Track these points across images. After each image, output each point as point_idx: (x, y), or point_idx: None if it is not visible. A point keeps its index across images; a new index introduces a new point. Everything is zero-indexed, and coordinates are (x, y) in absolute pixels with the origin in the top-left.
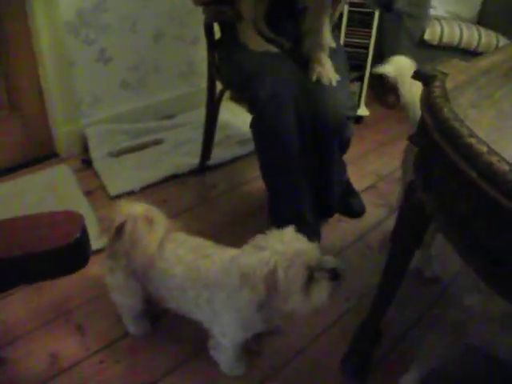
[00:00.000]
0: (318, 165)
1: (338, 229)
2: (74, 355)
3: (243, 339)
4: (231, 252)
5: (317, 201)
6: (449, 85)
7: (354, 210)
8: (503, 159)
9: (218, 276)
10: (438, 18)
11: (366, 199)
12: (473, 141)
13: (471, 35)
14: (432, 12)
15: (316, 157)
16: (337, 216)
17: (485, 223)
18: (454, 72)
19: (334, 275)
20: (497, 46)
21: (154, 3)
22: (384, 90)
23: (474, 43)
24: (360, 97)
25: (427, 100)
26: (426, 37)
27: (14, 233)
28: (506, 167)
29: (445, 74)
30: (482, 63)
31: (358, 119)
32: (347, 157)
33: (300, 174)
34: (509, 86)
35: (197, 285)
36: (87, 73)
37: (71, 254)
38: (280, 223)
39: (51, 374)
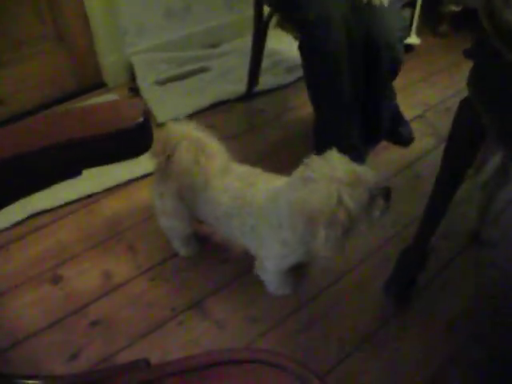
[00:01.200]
0: (369, 89)
1: (385, 157)
2: (126, 273)
3: (286, 266)
4: (278, 181)
5: (365, 126)
6: None
7: (403, 138)
8: None
9: (263, 206)
10: None
11: (415, 128)
12: None
13: None
14: None
15: (366, 80)
16: (384, 144)
17: None
18: None
19: (387, 194)
20: None
21: None
22: (437, 18)
23: None
24: (411, 24)
25: (485, 6)
26: None
27: (75, 116)
28: None
29: None
30: None
31: (409, 48)
32: (397, 85)
33: (349, 97)
34: None
35: (242, 212)
36: (132, 1)
37: (134, 137)
38: (325, 147)
39: (104, 291)
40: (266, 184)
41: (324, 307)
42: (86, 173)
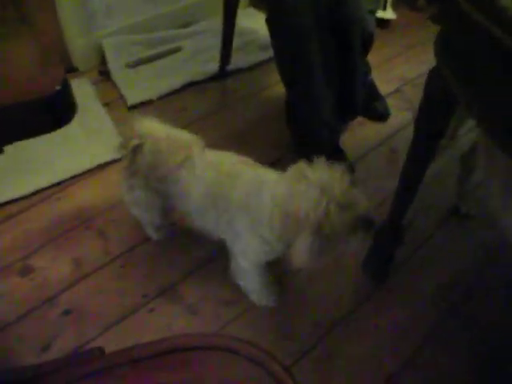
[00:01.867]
0: (341, 63)
1: (361, 132)
2: (96, 261)
3: (264, 260)
4: (263, 174)
5: (339, 102)
6: None
7: (378, 113)
8: None
9: (244, 199)
10: None
11: (391, 103)
12: None
13: None
14: None
15: (339, 54)
16: (360, 120)
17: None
18: None
19: (369, 227)
20: None
21: None
22: None
23: None
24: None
25: None
26: None
27: None
28: None
29: None
30: None
31: (385, 23)
32: (373, 60)
33: (320, 72)
34: None
35: (218, 205)
36: None
37: (53, 107)
38: (298, 124)
39: (75, 280)
40: (245, 174)
41: (299, 287)
42: (53, 160)
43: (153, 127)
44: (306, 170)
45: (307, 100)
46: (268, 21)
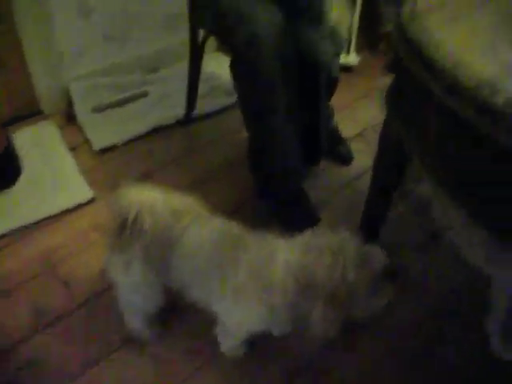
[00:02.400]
0: (305, 108)
1: (324, 176)
2: (60, 308)
3: (259, 331)
4: (272, 241)
5: (303, 147)
6: (420, 5)
7: (342, 157)
8: (469, 74)
9: (255, 265)
10: None
11: (355, 147)
12: (439, 56)
13: None
14: None
15: (302, 99)
16: (324, 163)
17: (454, 142)
18: None
19: (394, 276)
20: None
21: None
22: (375, 37)
23: None
24: (349, 43)
25: (397, 22)
26: None
27: None
28: (472, 82)
29: None
30: None
31: (348, 68)
32: (336, 104)
33: (284, 118)
34: (489, 7)
35: (224, 272)
36: (68, 25)
37: None
38: (261, 170)
39: (36, 329)
40: (254, 240)
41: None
42: (17, 205)
43: (145, 195)
44: (313, 238)
45: (271, 146)
46: (232, 66)
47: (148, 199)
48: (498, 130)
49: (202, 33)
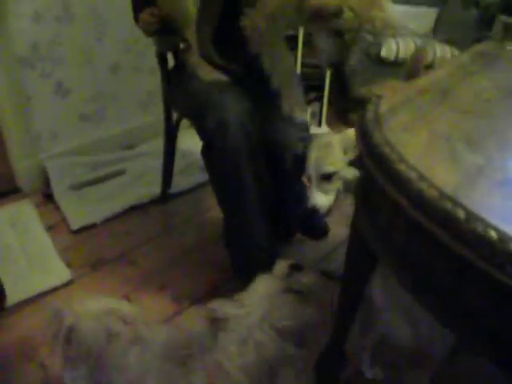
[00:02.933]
0: (276, 188)
1: (299, 251)
2: None
3: None
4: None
5: (275, 223)
6: (383, 108)
7: (317, 231)
8: (433, 185)
9: None
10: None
11: (330, 219)
12: (402, 167)
13: None
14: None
15: (273, 180)
16: (299, 237)
17: (420, 252)
18: (390, 93)
19: None
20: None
21: (109, 35)
22: (346, 108)
23: (430, 57)
24: (320, 116)
25: (359, 125)
26: (383, 54)
27: None
28: (436, 194)
29: (379, 97)
30: (421, 82)
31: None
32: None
33: (253, 200)
34: (444, 105)
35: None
36: (45, 106)
37: None
38: (235, 249)
39: None
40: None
41: None
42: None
43: (83, 304)
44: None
45: (241, 227)
46: (202, 153)
47: (86, 307)
48: (460, 244)
49: (176, 113)
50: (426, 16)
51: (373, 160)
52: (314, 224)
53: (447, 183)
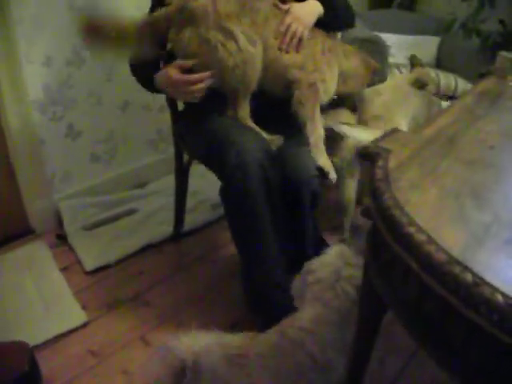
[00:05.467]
0: (290, 223)
1: None
2: None
3: None
4: None
5: (291, 261)
6: (392, 163)
7: None
8: (441, 249)
9: None
10: (397, 66)
11: None
12: (412, 230)
13: None
14: (391, 60)
15: (287, 215)
16: None
17: (432, 309)
18: (398, 147)
19: None
20: (456, 88)
21: (118, 75)
22: None
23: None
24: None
25: (370, 184)
26: None
27: None
28: (444, 257)
29: (388, 151)
30: (427, 131)
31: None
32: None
33: (272, 240)
34: (451, 156)
35: None
36: (57, 149)
37: None
38: (252, 287)
39: None
40: None
41: None
42: (8, 331)
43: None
44: None
45: (258, 263)
46: (221, 194)
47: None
48: (469, 308)
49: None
50: (429, 44)
51: (384, 223)
52: None
53: (455, 244)
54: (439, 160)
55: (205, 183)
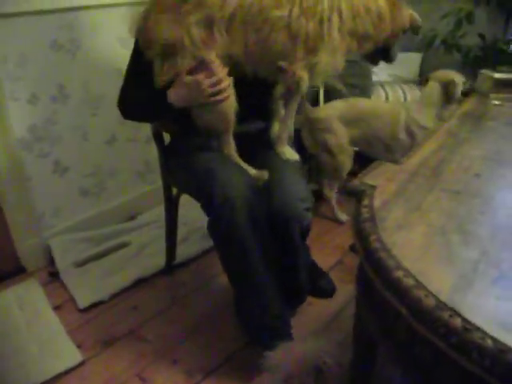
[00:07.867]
0: (281, 255)
1: (309, 312)
2: None
3: None
4: None
5: (284, 290)
6: (377, 201)
7: (324, 291)
8: (430, 293)
9: None
10: (381, 84)
11: (335, 276)
12: (400, 274)
13: (414, 96)
14: (374, 78)
15: (278, 248)
16: (308, 299)
17: (423, 353)
18: (383, 182)
19: None
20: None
21: (103, 110)
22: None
23: None
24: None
25: (356, 224)
26: None
27: None
28: (433, 302)
29: (373, 188)
30: (413, 161)
31: (317, 196)
32: (311, 235)
33: (263, 273)
34: (438, 187)
35: None
36: (45, 185)
37: None
38: (247, 322)
39: None
40: None
41: None
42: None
43: None
44: None
45: (252, 299)
46: (208, 229)
47: None
48: (460, 354)
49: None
50: (412, 61)
51: (371, 266)
52: (320, 285)
53: (444, 287)
54: (425, 193)
55: (196, 212)
